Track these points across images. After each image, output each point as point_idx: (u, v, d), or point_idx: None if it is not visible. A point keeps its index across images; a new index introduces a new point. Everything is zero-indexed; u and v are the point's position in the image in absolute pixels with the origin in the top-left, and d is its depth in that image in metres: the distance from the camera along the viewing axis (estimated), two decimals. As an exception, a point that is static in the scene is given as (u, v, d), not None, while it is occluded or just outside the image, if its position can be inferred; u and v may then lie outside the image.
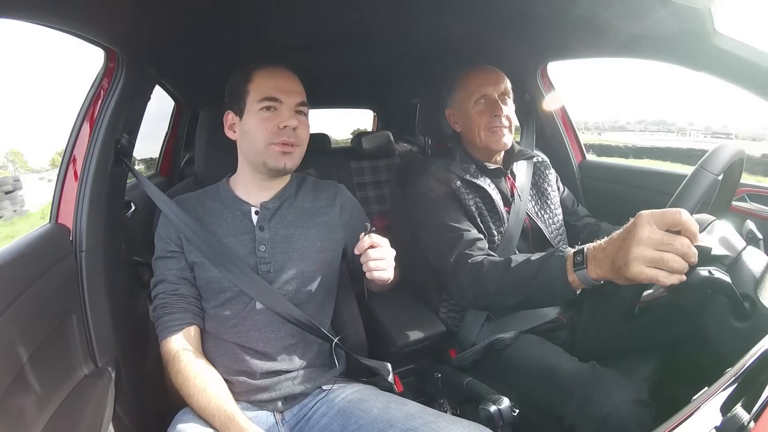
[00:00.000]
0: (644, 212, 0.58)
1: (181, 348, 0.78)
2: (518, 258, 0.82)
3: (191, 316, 0.82)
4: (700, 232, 0.72)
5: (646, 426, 0.71)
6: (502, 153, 1.13)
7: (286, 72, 0.87)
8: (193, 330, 0.82)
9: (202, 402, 0.73)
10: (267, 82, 0.84)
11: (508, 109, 1.06)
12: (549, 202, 1.14)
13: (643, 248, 0.56)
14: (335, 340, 0.86)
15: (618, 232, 0.62)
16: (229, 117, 0.87)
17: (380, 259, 0.76)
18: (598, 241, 0.66)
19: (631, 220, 0.59)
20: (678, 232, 0.56)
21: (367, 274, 0.76)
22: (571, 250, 0.71)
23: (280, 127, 0.82)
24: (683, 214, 0.55)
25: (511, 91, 1.09)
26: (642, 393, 0.75)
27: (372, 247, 0.75)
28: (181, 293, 0.82)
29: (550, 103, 1.46)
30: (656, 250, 0.56)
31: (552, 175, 1.20)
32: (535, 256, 0.79)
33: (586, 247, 0.68)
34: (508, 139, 1.07)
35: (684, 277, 0.56)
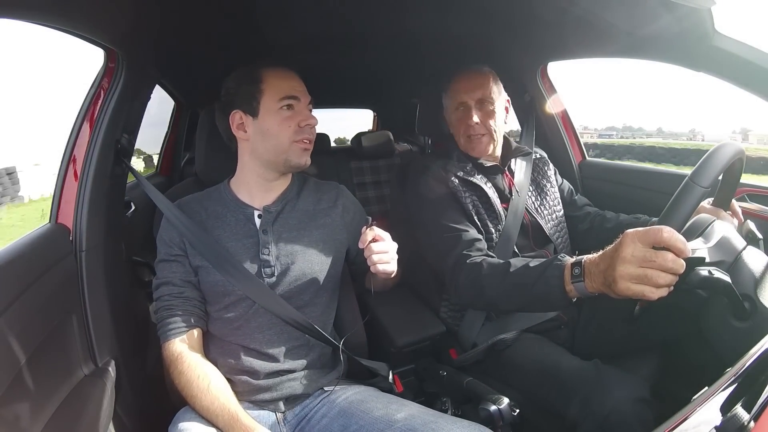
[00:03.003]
0: (629, 231, 0.61)
1: (184, 350, 0.78)
2: (517, 263, 0.83)
3: (195, 318, 0.82)
4: (699, 234, 0.73)
5: (647, 424, 0.71)
6: (500, 151, 1.13)
7: (294, 73, 0.88)
8: (196, 332, 0.82)
9: (205, 402, 0.73)
10: (283, 82, 0.85)
11: (485, 115, 1.06)
12: (548, 198, 1.15)
13: (627, 266, 0.59)
14: (340, 345, 0.86)
15: (609, 247, 0.64)
16: (237, 116, 0.86)
17: (383, 252, 0.77)
18: (594, 254, 0.68)
19: (619, 238, 0.62)
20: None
21: (372, 268, 0.77)
22: (569, 260, 0.73)
23: (301, 125, 0.84)
24: (665, 232, 0.58)
25: (494, 96, 1.07)
26: (644, 391, 0.76)
27: (375, 240, 0.76)
28: (186, 296, 0.82)
29: (550, 103, 1.46)
30: (640, 267, 0.58)
31: (551, 170, 1.20)
32: (533, 263, 0.79)
33: (584, 259, 0.70)
34: (488, 146, 1.07)
35: (672, 289, 0.58)
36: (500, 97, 1.09)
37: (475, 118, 1.05)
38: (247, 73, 0.86)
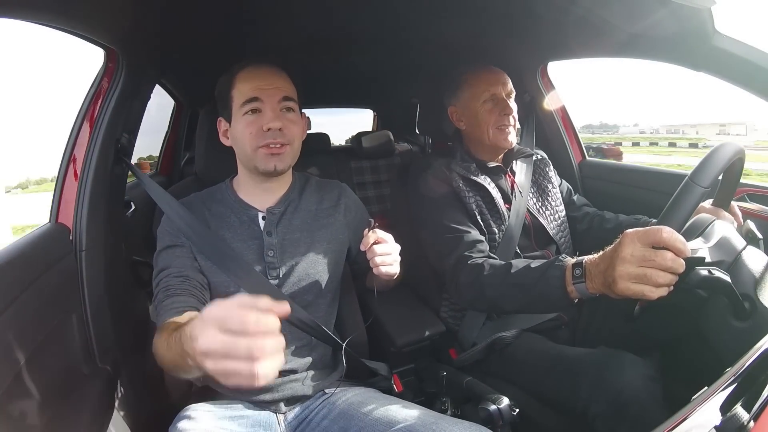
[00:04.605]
0: (629, 231, 0.61)
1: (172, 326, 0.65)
2: (518, 264, 0.83)
3: (195, 301, 0.74)
4: (699, 234, 0.73)
5: (657, 400, 0.72)
6: (503, 152, 1.13)
7: (268, 68, 0.83)
8: (195, 316, 0.68)
9: (163, 348, 0.62)
10: (247, 83, 0.81)
11: (514, 108, 1.08)
12: (550, 198, 1.15)
13: (626, 266, 0.60)
14: (343, 345, 0.86)
15: (608, 248, 0.65)
16: (222, 124, 0.87)
17: (386, 254, 0.76)
18: (594, 255, 0.68)
19: (619, 238, 0.62)
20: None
21: (374, 270, 0.76)
22: (570, 261, 0.73)
23: (264, 129, 0.80)
24: (664, 232, 0.58)
25: (514, 91, 1.10)
26: (652, 370, 0.76)
27: (377, 242, 0.76)
28: (186, 275, 0.77)
29: (550, 103, 1.46)
30: (640, 266, 0.59)
31: (552, 171, 1.20)
32: (534, 263, 0.79)
33: (585, 260, 0.70)
34: (514, 137, 1.09)
35: (671, 288, 0.59)
36: None
37: (513, 106, 1.06)
38: (225, 78, 0.85)
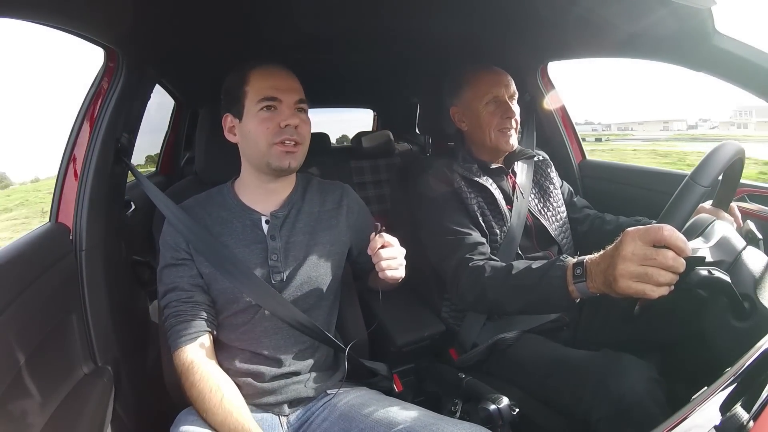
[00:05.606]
0: (630, 229, 0.61)
1: (195, 359, 0.75)
2: (519, 265, 0.83)
3: (205, 324, 0.79)
4: (700, 233, 0.73)
5: (660, 403, 0.72)
6: (504, 154, 1.13)
7: (283, 70, 0.85)
8: (207, 339, 0.79)
9: (219, 418, 0.71)
10: (264, 82, 0.82)
11: (516, 111, 1.07)
12: (552, 199, 1.15)
13: (627, 264, 0.59)
14: (346, 350, 0.86)
15: (609, 247, 0.65)
16: (228, 119, 0.86)
17: (392, 258, 0.76)
18: (595, 254, 0.68)
19: (620, 237, 0.62)
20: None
21: (380, 274, 0.76)
22: (571, 261, 0.73)
23: (281, 126, 0.80)
24: (666, 231, 0.58)
25: (516, 93, 1.10)
26: (654, 372, 0.76)
27: (383, 246, 0.76)
28: (195, 300, 0.79)
29: (550, 103, 1.46)
30: (641, 265, 0.59)
31: (553, 172, 1.20)
32: (535, 264, 0.79)
33: (586, 259, 0.70)
34: (515, 140, 1.08)
35: (672, 287, 0.59)
36: None
37: (515, 108, 1.06)
38: (236, 74, 0.85)
